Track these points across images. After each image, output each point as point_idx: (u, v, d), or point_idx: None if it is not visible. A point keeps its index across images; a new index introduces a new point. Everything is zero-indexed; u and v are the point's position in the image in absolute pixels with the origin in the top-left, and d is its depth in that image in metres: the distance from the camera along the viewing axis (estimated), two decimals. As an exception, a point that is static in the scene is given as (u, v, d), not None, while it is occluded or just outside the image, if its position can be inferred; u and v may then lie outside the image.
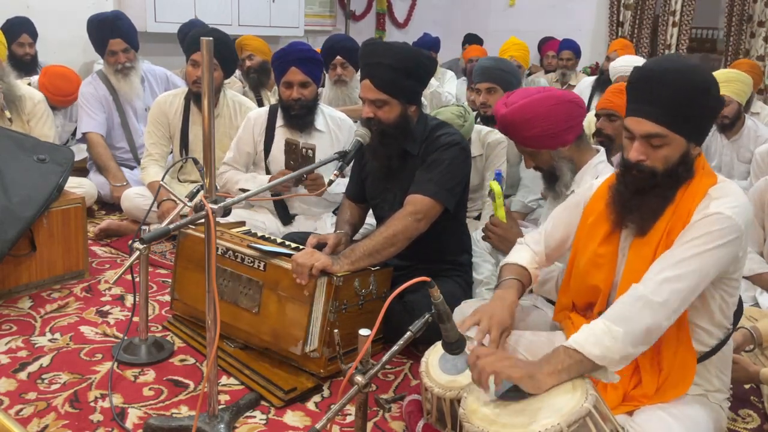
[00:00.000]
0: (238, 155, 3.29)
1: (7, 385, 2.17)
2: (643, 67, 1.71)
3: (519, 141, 2.26)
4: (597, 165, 2.25)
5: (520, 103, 2.20)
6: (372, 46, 2.49)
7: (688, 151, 1.66)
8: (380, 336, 2.42)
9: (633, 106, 1.68)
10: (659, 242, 1.68)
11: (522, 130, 2.21)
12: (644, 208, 1.69)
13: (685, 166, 1.66)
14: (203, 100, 1.71)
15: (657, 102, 1.62)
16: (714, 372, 1.78)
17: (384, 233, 2.31)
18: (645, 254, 1.70)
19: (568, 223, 1.97)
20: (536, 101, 2.19)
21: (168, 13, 5.65)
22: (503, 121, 2.25)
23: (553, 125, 2.18)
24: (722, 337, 1.76)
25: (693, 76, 1.62)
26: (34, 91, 3.72)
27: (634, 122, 1.66)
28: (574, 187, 2.25)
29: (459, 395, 1.70)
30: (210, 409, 1.90)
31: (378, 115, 2.39)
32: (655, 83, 1.63)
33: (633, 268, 1.71)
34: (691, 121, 1.63)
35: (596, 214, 1.84)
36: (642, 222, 1.71)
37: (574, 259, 1.90)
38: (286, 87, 3.09)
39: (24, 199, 2.80)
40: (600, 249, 1.80)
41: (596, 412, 1.44)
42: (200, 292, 2.27)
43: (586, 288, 1.84)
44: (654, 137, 1.63)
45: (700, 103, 1.63)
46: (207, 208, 1.68)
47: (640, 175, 1.67)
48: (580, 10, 7.68)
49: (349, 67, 4.43)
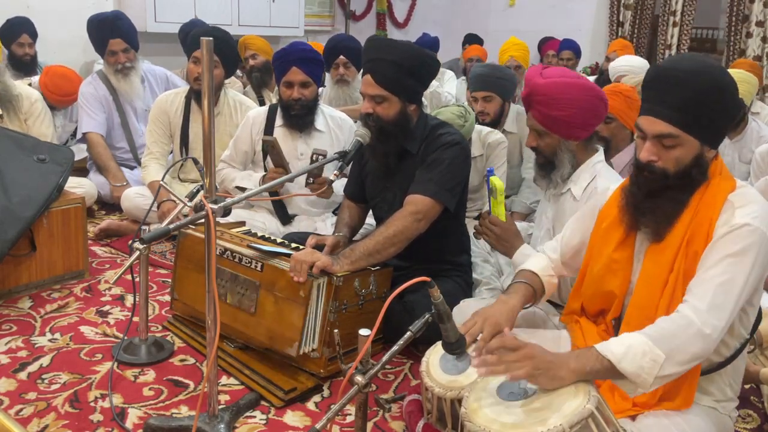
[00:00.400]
0: (236, 153, 3.30)
1: (7, 385, 2.17)
2: (659, 67, 1.68)
3: (536, 115, 2.17)
4: (595, 164, 2.24)
5: (556, 80, 2.14)
6: (376, 41, 2.48)
7: (702, 153, 1.63)
8: (380, 336, 2.42)
9: (647, 105, 1.65)
10: (678, 250, 1.63)
11: (546, 105, 2.14)
12: (658, 211, 1.66)
13: (698, 168, 1.63)
14: (203, 100, 1.71)
15: (670, 102, 1.59)
16: (728, 381, 1.74)
17: (384, 233, 2.31)
18: (663, 261, 1.65)
19: (584, 230, 1.93)
20: (572, 85, 2.14)
21: (168, 13, 5.65)
22: (533, 90, 2.16)
23: (576, 115, 2.13)
24: (738, 346, 1.72)
25: (708, 77, 1.58)
26: (31, 90, 3.72)
27: (646, 122, 1.63)
28: (571, 185, 2.24)
29: (460, 395, 1.69)
30: (210, 409, 1.90)
31: (377, 111, 2.38)
32: (670, 83, 1.60)
33: (649, 275, 1.68)
34: (705, 122, 1.60)
35: (611, 218, 1.81)
36: (657, 226, 1.67)
37: (588, 264, 1.87)
38: (287, 87, 3.09)
39: (24, 199, 2.80)
40: (615, 254, 1.77)
41: (599, 414, 1.44)
42: (200, 293, 2.27)
43: (600, 293, 1.81)
44: (666, 137, 1.60)
45: (714, 105, 1.59)
46: (207, 208, 1.68)
47: (652, 176, 1.64)
48: (580, 10, 7.67)
49: (351, 67, 4.44)
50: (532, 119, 2.20)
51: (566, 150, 2.21)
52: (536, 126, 2.20)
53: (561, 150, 2.21)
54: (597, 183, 2.16)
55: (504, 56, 5.37)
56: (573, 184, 2.24)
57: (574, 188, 2.23)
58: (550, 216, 2.34)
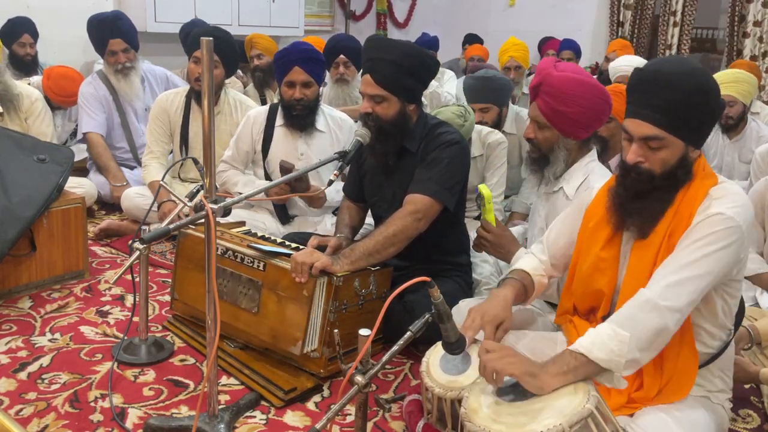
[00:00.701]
0: (237, 154, 3.29)
1: (7, 385, 2.17)
2: (643, 69, 1.70)
3: (542, 106, 2.16)
4: (588, 164, 2.24)
5: (570, 75, 2.13)
6: (376, 41, 2.48)
7: (687, 154, 1.66)
8: (380, 336, 2.42)
9: (632, 108, 1.68)
10: (661, 245, 1.67)
11: (554, 98, 2.13)
12: (645, 212, 1.69)
13: (683, 168, 1.66)
14: (203, 100, 1.71)
15: (655, 105, 1.62)
16: (717, 373, 1.78)
17: (384, 233, 2.31)
18: (646, 257, 1.69)
19: (571, 230, 1.95)
20: (584, 83, 2.14)
21: (168, 13, 5.66)
22: (544, 80, 2.15)
23: (581, 114, 2.14)
24: (725, 338, 1.76)
25: (692, 79, 1.61)
26: (32, 89, 3.72)
27: (632, 124, 1.66)
28: (563, 184, 2.23)
29: (460, 395, 1.70)
30: (210, 409, 1.90)
31: (376, 110, 2.38)
32: (654, 86, 1.63)
33: (635, 271, 1.71)
34: (689, 124, 1.63)
35: (597, 217, 1.83)
36: (642, 225, 1.70)
37: (576, 263, 1.89)
38: (288, 86, 3.08)
39: (24, 199, 2.80)
40: (602, 253, 1.79)
41: (598, 413, 1.44)
42: (200, 292, 2.27)
43: (590, 292, 1.83)
44: (652, 140, 1.63)
45: (698, 107, 1.63)
46: (207, 208, 1.68)
47: (639, 177, 1.67)
48: (580, 10, 7.67)
49: (351, 67, 4.44)
50: (536, 110, 2.18)
51: (563, 147, 2.20)
52: (539, 117, 2.18)
53: (558, 146, 2.20)
54: (590, 181, 2.16)
55: (504, 57, 5.37)
56: (566, 182, 2.23)
57: (566, 187, 2.22)
58: (543, 215, 2.34)
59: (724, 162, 4.22)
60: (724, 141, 4.20)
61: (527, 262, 2.02)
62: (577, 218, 1.93)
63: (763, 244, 2.83)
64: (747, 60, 6.19)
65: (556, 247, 1.99)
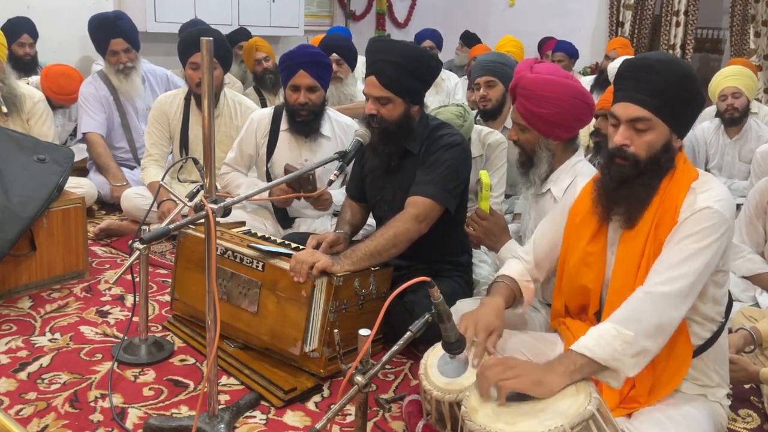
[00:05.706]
0: (240, 156, 3.27)
1: (7, 385, 2.17)
2: (631, 59, 1.76)
3: (519, 109, 2.19)
4: (575, 165, 2.24)
5: (544, 77, 2.14)
6: (379, 42, 2.48)
7: (671, 140, 1.70)
8: (380, 336, 2.42)
9: (619, 94, 1.72)
10: (648, 236, 1.69)
11: (528, 100, 2.15)
12: (631, 198, 1.71)
13: (667, 155, 1.70)
14: (203, 101, 1.71)
15: (644, 87, 1.66)
16: (711, 366, 1.79)
17: (385, 234, 2.31)
18: (634, 248, 1.71)
19: (555, 229, 1.96)
20: (559, 84, 2.14)
21: (168, 13, 5.65)
22: (519, 82, 2.17)
23: (557, 115, 2.14)
24: (715, 329, 1.77)
25: (678, 67, 1.68)
26: (34, 90, 3.72)
27: (620, 107, 1.70)
28: (551, 185, 2.23)
29: (458, 398, 1.69)
30: (210, 409, 1.90)
31: (381, 112, 2.38)
32: (642, 71, 1.68)
33: (624, 262, 1.73)
34: (675, 109, 1.68)
35: (583, 212, 1.85)
36: (630, 213, 1.72)
37: (564, 260, 1.90)
38: (293, 90, 3.02)
39: (24, 199, 2.80)
40: (589, 247, 1.81)
41: (599, 415, 1.44)
42: (200, 292, 2.27)
43: (578, 288, 1.84)
44: (639, 121, 1.67)
45: (684, 93, 1.68)
46: (207, 208, 1.68)
47: (624, 162, 1.70)
48: (580, 10, 7.67)
49: (344, 65, 4.44)
50: (515, 112, 2.22)
51: (545, 148, 2.21)
52: (518, 120, 2.22)
53: (540, 148, 2.21)
54: (577, 183, 2.15)
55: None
56: (553, 184, 2.23)
57: (554, 189, 2.23)
58: (533, 217, 2.34)
59: (724, 161, 4.22)
60: (724, 140, 4.21)
61: (513, 268, 2.02)
62: (563, 218, 1.94)
63: (763, 245, 2.83)
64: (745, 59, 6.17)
65: (540, 246, 2.00)
